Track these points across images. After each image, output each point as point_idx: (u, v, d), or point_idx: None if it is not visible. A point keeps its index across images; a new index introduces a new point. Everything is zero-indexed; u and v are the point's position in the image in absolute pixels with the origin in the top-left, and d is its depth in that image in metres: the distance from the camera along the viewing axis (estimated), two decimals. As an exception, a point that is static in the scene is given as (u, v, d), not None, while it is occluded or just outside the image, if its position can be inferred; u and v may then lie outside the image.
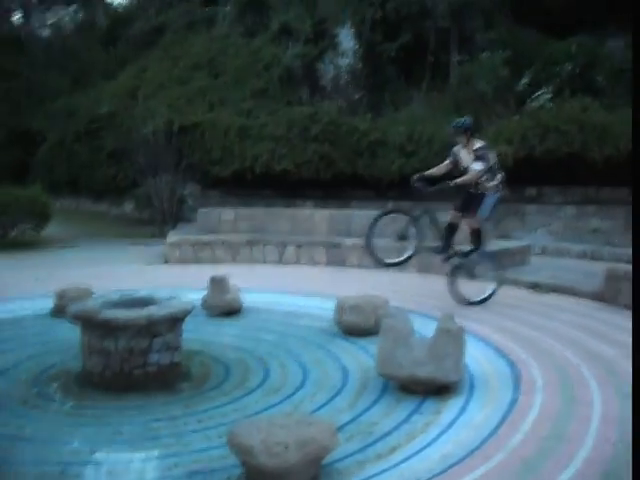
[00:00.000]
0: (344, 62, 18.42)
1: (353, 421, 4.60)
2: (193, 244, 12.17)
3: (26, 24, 31.25)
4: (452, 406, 4.80)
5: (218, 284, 7.72)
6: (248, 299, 8.10)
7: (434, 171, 8.01)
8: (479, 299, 8.09)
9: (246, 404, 5.02)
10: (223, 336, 6.95)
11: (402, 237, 7.71)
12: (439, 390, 5.02)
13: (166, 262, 12.08)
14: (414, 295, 8.74)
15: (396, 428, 4.45)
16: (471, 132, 7.86)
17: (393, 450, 4.09)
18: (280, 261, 11.96)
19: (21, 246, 14.26)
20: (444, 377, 4.97)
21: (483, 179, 7.78)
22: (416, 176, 7.80)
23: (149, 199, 17.42)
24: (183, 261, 11.99)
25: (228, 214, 13.06)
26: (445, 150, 15.02)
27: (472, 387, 5.20)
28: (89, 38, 29.02)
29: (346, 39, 18.60)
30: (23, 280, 9.84)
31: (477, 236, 8.11)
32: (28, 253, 13.55)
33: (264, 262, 11.94)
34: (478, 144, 7.80)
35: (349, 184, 16.68)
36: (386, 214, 7.81)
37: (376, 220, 7.64)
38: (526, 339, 6.53)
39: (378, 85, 19.31)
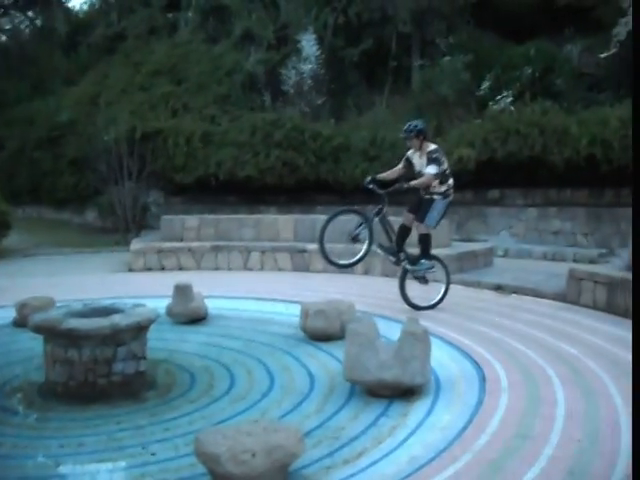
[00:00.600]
0: (307, 67, 18.45)
1: (320, 426, 4.59)
2: (157, 251, 12.08)
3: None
4: (419, 408, 4.82)
5: (182, 291, 7.67)
6: (213, 306, 8.06)
7: (387, 174, 7.85)
8: (429, 304, 8.06)
9: (212, 412, 4.99)
10: (188, 344, 6.90)
11: (354, 238, 7.60)
12: (406, 393, 5.04)
13: (130, 270, 11.96)
14: (380, 299, 8.77)
15: (363, 432, 4.45)
16: (424, 136, 7.72)
17: (360, 454, 4.09)
18: (245, 267, 11.92)
19: (-18, 256, 14.00)
20: (410, 380, 4.99)
21: (434, 183, 7.69)
22: (369, 178, 7.73)
23: (112, 207, 17.27)
24: (147, 269, 11.89)
25: (192, 221, 12.98)
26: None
27: (438, 389, 5.23)
28: (49, 44, 28.63)
29: (308, 44, 18.64)
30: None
31: (425, 242, 7.96)
32: (-11, 263, 13.31)
33: (229, 269, 11.89)
34: (431, 147, 7.70)
35: (313, 189, 16.72)
36: (338, 215, 7.59)
37: (328, 221, 7.46)
38: (491, 340, 6.59)
39: (341, 90, 19.40)
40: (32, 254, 14.59)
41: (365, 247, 7.67)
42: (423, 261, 8.03)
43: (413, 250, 8.22)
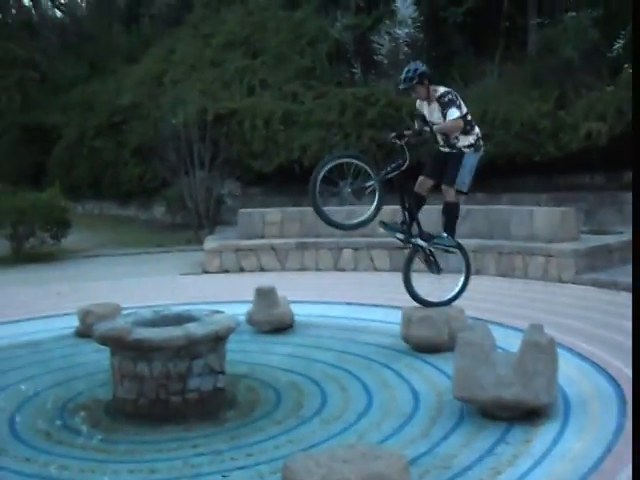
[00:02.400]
0: (402, 32, 18.33)
1: (427, 453, 4.57)
2: (235, 250, 12.27)
3: (37, 6, 31.95)
4: (544, 434, 4.73)
5: (265, 296, 7.76)
6: (300, 312, 8.15)
7: (409, 133, 7.16)
8: (442, 300, 7.36)
9: (302, 435, 5.03)
10: (272, 356, 6.98)
11: (358, 193, 6.92)
12: (528, 415, 4.95)
13: (204, 272, 12.21)
14: (495, 303, 8.65)
15: (478, 461, 4.40)
16: (429, 80, 7.10)
17: (476, 487, 4.06)
18: (335, 267, 11.97)
19: (39, 258, 14.59)
20: (534, 399, 4.89)
21: (457, 134, 7.10)
22: (394, 133, 7.10)
23: (182, 201, 17.62)
24: (224, 270, 12.10)
25: (274, 215, 13.12)
26: (528, 131, 14.99)
27: (567, 410, 5.11)
28: (107, 18, 29.53)
29: (404, 5, 18.50)
30: (43, 297, 10.06)
31: (452, 214, 7.33)
32: (47, 266, 13.89)
33: (317, 269, 11.96)
34: (440, 90, 7.10)
35: (412, 175, 16.59)
36: (337, 160, 6.82)
37: (324, 166, 6.67)
38: (627, 351, 6.39)
39: (443, 58, 19.16)
40: (94, 255, 15.11)
41: (372, 209, 6.97)
42: (444, 234, 7.34)
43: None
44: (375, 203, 6.96)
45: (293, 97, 18.50)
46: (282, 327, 7.84)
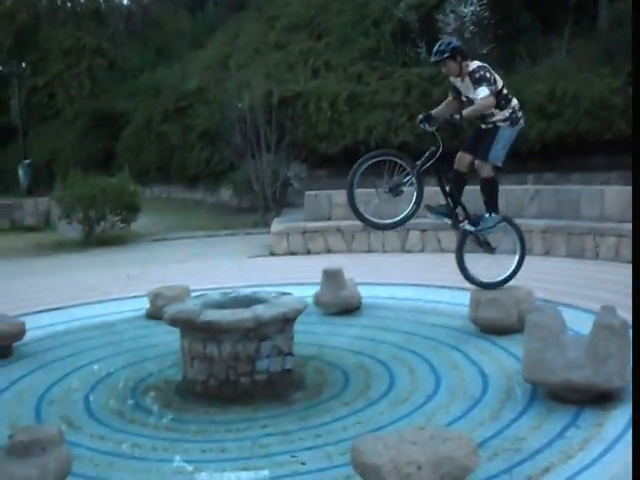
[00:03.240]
0: (468, 10, 18.06)
1: (496, 436, 4.53)
2: (302, 232, 12.31)
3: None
4: (617, 418, 4.65)
5: (332, 278, 7.77)
6: (367, 294, 8.14)
7: (439, 110, 7.00)
8: (496, 280, 7.14)
9: (370, 416, 5.04)
10: (340, 338, 7.00)
11: (394, 190, 6.63)
12: (600, 398, 4.87)
13: (271, 254, 12.29)
14: (564, 284, 8.52)
15: (548, 445, 4.35)
16: (462, 55, 6.74)
17: (546, 471, 4.01)
18: (402, 249, 11.93)
19: (110, 242, 14.89)
20: (606, 382, 4.81)
21: (492, 110, 6.75)
22: (421, 115, 6.84)
23: (249, 183, 17.72)
24: (291, 252, 12.16)
25: (340, 196, 13.05)
26: (598, 109, 14.64)
27: (641, 394, 5.01)
28: (173, 4, 29.81)
29: (470, -18, 18.23)
30: (114, 280, 10.25)
31: (491, 190, 7.02)
32: (117, 249, 14.16)
33: (384, 250, 11.94)
34: (473, 65, 6.72)
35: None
36: (373, 159, 6.61)
37: (359, 167, 6.52)
38: None
39: (510, 35, 18.83)
40: (162, 238, 15.34)
41: (412, 204, 6.75)
42: (487, 216, 7.03)
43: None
44: (414, 198, 6.73)
45: (358, 78, 18.43)
46: (349, 309, 7.85)
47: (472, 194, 7.23)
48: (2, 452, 3.74)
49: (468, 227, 7.03)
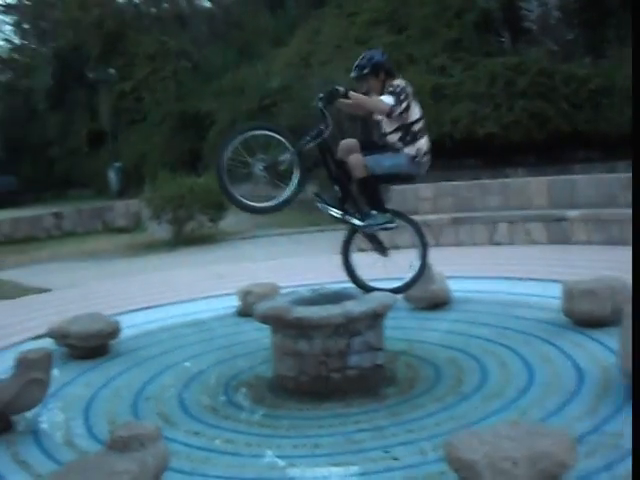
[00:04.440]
0: (552, -3, 17.73)
1: (594, 431, 4.43)
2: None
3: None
4: None
5: (421, 272, 7.73)
6: (456, 288, 8.08)
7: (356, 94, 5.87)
8: (398, 286, 6.47)
9: (463, 412, 5.00)
10: (430, 332, 6.97)
11: (272, 169, 5.84)
12: None
13: (359, 250, 12.26)
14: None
15: (651, 439, 4.23)
16: (386, 72, 5.95)
17: (648, 467, 3.89)
18: (491, 241, 11.78)
19: (199, 241, 15.16)
20: None
21: (394, 137, 5.94)
22: (321, 95, 5.94)
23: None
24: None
25: (427, 190, 13.04)
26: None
27: None
28: (253, 4, 30.07)
29: (554, -32, 17.88)
30: (204, 278, 10.43)
31: (368, 190, 6.12)
32: (207, 248, 14.40)
33: (472, 244, 11.82)
34: (396, 82, 5.89)
35: (568, 145, 16.07)
36: (248, 131, 5.78)
37: (230, 141, 5.62)
38: None
39: (597, 20, 18.37)
40: (251, 236, 15.52)
41: (292, 187, 5.85)
42: (374, 212, 6.16)
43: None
44: (296, 180, 5.83)
45: (441, 70, 18.29)
46: (438, 303, 7.80)
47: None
48: (104, 447, 3.86)
49: (355, 222, 6.16)
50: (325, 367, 5.43)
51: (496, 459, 3.40)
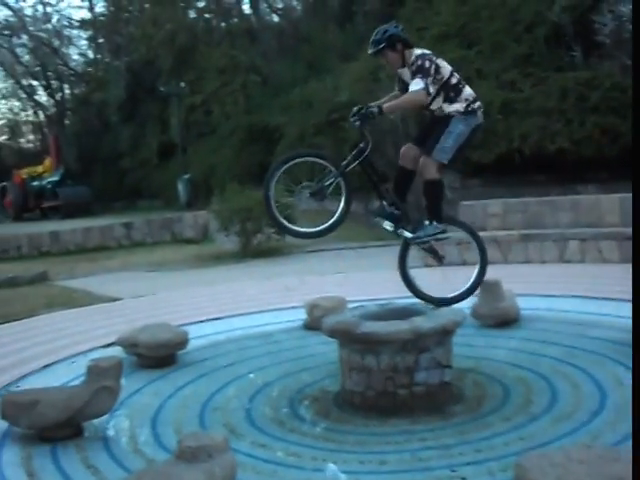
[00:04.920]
0: (627, 9, 17.36)
1: (669, 456, 4.30)
2: (456, 243, 12.16)
3: (256, 13, 33.34)
4: None
5: (490, 289, 7.62)
6: (525, 306, 7.96)
7: (383, 102, 5.96)
8: (451, 296, 6.35)
9: (532, 432, 4.91)
10: (498, 350, 6.89)
11: (317, 194, 5.82)
12: None
13: (426, 265, 12.18)
14: None
15: None
16: (403, 43, 5.87)
17: None
18: (561, 259, 11.58)
19: (266, 253, 15.26)
20: None
21: (439, 101, 5.83)
22: (355, 108, 5.84)
23: (402, 194, 17.67)
24: (445, 263, 12.03)
25: (496, 206, 12.91)
26: None
27: None
28: (322, 18, 30.25)
29: (629, -19, 17.54)
30: (271, 290, 10.47)
31: (434, 194, 6.08)
32: (273, 261, 14.48)
33: (542, 261, 11.64)
34: (415, 53, 5.83)
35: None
36: (293, 159, 5.88)
37: (275, 172, 5.76)
38: None
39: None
40: (318, 250, 15.54)
41: (341, 208, 5.86)
42: (427, 223, 6.08)
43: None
44: (342, 201, 5.86)
45: (511, 85, 18.09)
46: (507, 321, 7.68)
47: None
48: (172, 456, 3.90)
49: (405, 234, 6.11)
50: (392, 383, 5.40)
51: (568, 483, 3.33)
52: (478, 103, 5.94)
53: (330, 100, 22.08)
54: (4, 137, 45.97)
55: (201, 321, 8.53)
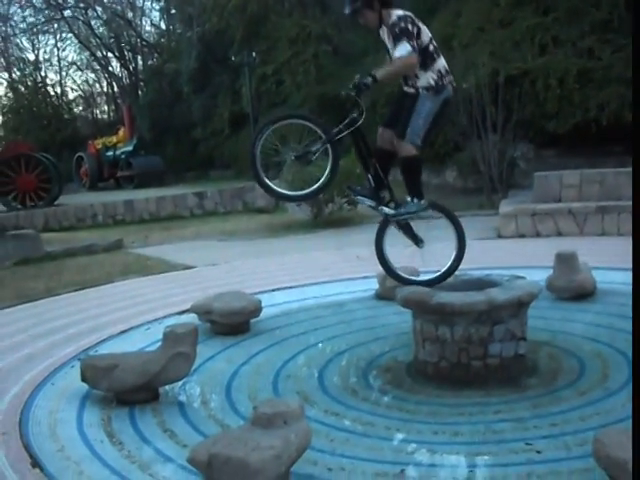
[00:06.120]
0: None
1: None
2: (531, 214, 12.01)
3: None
4: None
5: (566, 262, 7.50)
6: (602, 279, 7.79)
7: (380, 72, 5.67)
8: (429, 278, 6.18)
9: (609, 407, 4.84)
10: (574, 324, 6.77)
11: (303, 158, 5.70)
12: None
13: (499, 236, 12.08)
14: None
15: None
16: (383, 1, 5.62)
17: None
18: (639, 232, 11.31)
19: (337, 223, 15.26)
20: None
21: (415, 70, 5.60)
22: (357, 76, 5.70)
23: (474, 164, 17.49)
24: (519, 235, 11.90)
25: (572, 177, 12.62)
26: None
27: None
28: (394, -13, 29.92)
29: None
30: (343, 260, 10.48)
31: (412, 171, 5.93)
32: (345, 230, 14.47)
33: (618, 234, 11.38)
34: (394, 14, 5.58)
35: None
36: (279, 121, 5.65)
37: (262, 131, 5.58)
38: None
39: None
40: (388, 220, 15.45)
41: (325, 176, 5.77)
42: (409, 200, 5.97)
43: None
44: (328, 168, 5.74)
45: (589, 53, 17.64)
46: (583, 294, 7.54)
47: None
48: (247, 422, 3.95)
49: (387, 210, 6.00)
50: (466, 354, 5.37)
51: (649, 459, 3.26)
52: (450, 77, 5.77)
53: (402, 69, 21.87)
54: (79, 108, 46.76)
55: (274, 290, 8.59)
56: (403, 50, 5.46)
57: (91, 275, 11.00)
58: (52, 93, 43.35)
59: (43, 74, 43.98)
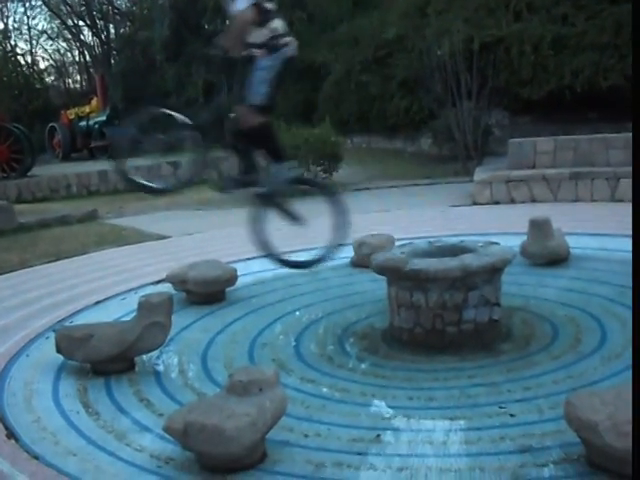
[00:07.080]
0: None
1: None
2: (505, 181, 12.06)
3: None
4: None
5: (539, 228, 7.54)
6: (575, 245, 7.85)
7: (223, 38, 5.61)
8: (313, 258, 6.34)
9: (581, 371, 4.87)
10: (547, 289, 6.80)
11: (167, 146, 5.67)
12: None
13: (474, 203, 12.13)
14: None
15: None
16: None
17: None
18: (612, 198, 11.37)
19: (313, 192, 15.18)
20: None
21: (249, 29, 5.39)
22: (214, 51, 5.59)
23: (449, 132, 17.51)
24: (494, 202, 11.96)
25: (546, 144, 12.67)
26: None
27: None
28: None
29: None
30: (322, 228, 10.45)
31: (266, 138, 5.82)
32: (321, 199, 14.39)
33: (591, 200, 11.46)
34: None
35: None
36: (139, 116, 5.52)
37: (134, 120, 5.52)
38: None
39: None
40: (364, 188, 15.49)
41: (189, 165, 5.91)
42: (277, 164, 5.92)
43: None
44: (192, 158, 5.77)
45: (563, 19, 17.62)
46: (557, 260, 7.59)
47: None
48: (223, 390, 3.96)
49: (260, 190, 5.94)
50: (441, 320, 5.39)
51: (619, 421, 3.30)
52: (288, 39, 5.63)
53: (377, 36, 21.76)
54: (51, 78, 46.11)
55: (249, 258, 8.56)
56: (239, 4, 5.33)
57: (66, 246, 10.92)
58: (23, 63, 42.64)
59: (13, 43, 43.24)
